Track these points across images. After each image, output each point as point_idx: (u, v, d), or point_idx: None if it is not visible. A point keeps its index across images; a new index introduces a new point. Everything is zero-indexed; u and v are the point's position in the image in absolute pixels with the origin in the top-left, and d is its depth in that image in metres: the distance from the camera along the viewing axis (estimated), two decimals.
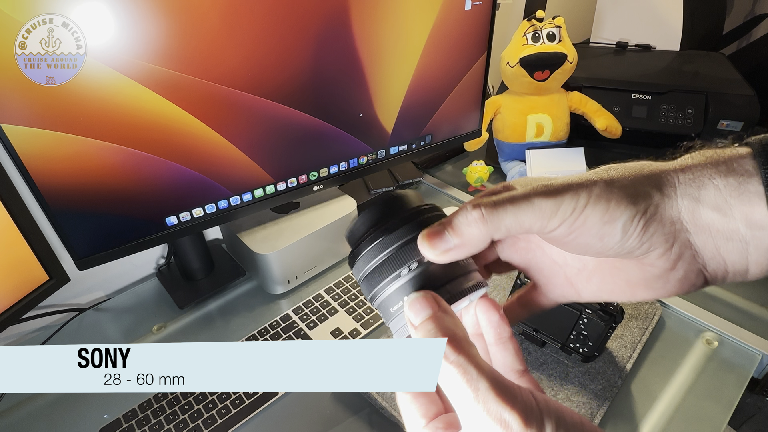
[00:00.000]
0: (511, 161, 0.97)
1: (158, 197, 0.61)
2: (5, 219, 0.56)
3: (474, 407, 0.20)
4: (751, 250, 0.23)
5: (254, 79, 0.60)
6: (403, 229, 0.24)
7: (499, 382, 0.20)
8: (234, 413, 0.59)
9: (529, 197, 0.23)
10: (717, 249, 0.23)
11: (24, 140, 0.49)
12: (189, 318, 0.74)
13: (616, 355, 0.61)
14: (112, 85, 0.51)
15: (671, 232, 0.23)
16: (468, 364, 0.20)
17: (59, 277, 0.64)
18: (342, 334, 0.68)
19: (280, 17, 0.58)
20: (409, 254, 0.24)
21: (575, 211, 0.22)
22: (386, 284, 0.24)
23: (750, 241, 0.22)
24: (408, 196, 0.27)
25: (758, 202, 0.22)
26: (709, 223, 0.23)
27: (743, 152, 0.23)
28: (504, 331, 0.27)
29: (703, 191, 0.23)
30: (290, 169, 0.70)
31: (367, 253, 0.25)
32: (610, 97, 0.94)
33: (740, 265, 0.23)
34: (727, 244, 0.23)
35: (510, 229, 0.23)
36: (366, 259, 0.25)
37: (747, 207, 0.22)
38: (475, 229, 0.23)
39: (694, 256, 0.24)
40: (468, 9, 0.73)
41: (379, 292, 0.25)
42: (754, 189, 0.22)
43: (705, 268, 0.24)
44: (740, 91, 0.88)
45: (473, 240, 0.23)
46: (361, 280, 0.26)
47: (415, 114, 0.78)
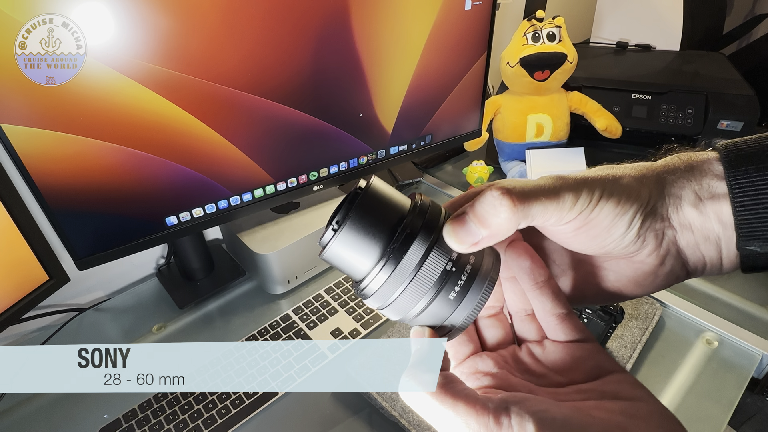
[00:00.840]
0: (511, 161, 0.97)
1: (158, 197, 0.61)
2: (5, 219, 0.56)
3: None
4: (722, 247, 0.25)
5: (254, 79, 0.60)
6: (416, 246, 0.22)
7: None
8: (234, 413, 0.58)
9: (557, 189, 0.23)
10: (697, 246, 0.25)
11: (24, 140, 0.49)
12: (189, 318, 0.74)
13: (616, 355, 0.61)
14: (112, 85, 0.51)
15: (661, 229, 0.25)
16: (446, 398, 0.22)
17: (59, 277, 0.64)
18: (342, 334, 0.68)
19: (280, 17, 0.58)
20: (438, 265, 0.22)
21: (591, 203, 0.23)
22: (424, 303, 0.23)
23: (722, 238, 0.25)
24: (377, 193, 0.24)
25: (725, 202, 0.24)
26: (691, 221, 0.25)
27: (712, 156, 0.25)
28: (539, 275, 0.26)
29: (684, 191, 0.25)
30: (290, 169, 0.70)
31: (390, 280, 0.23)
32: (610, 97, 0.94)
33: (716, 260, 0.26)
34: (705, 242, 0.25)
35: (534, 219, 0.23)
36: (391, 286, 0.23)
37: (717, 206, 0.24)
38: (505, 219, 0.22)
39: (678, 251, 0.26)
40: (468, 9, 0.73)
41: (417, 310, 0.23)
42: (723, 191, 0.24)
43: (687, 263, 0.26)
44: (740, 91, 0.88)
45: (502, 230, 0.22)
46: (385, 308, 0.24)
47: (415, 114, 0.78)
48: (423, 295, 0.23)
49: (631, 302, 0.67)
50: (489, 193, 0.22)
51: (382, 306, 0.23)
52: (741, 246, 0.24)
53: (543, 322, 0.27)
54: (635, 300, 0.68)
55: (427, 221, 0.23)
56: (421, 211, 0.23)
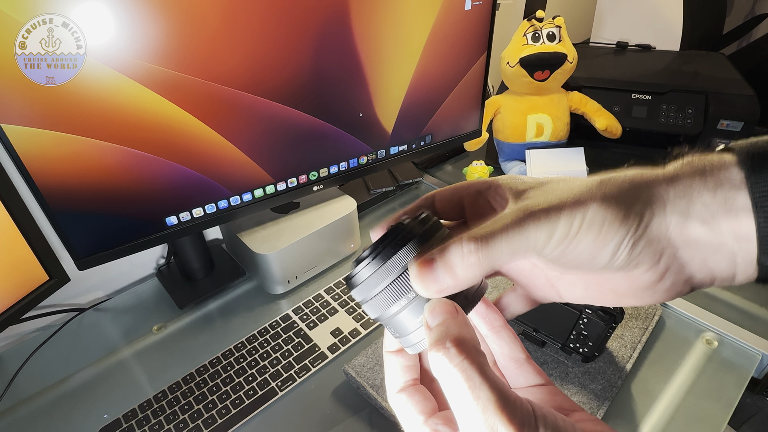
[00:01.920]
0: (511, 161, 0.97)
1: (158, 197, 0.61)
2: (5, 219, 0.56)
3: (472, 415, 0.19)
4: (738, 261, 0.23)
5: (254, 79, 0.60)
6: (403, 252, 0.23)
7: (502, 394, 0.19)
8: (234, 413, 0.58)
9: (522, 223, 0.21)
10: (704, 261, 0.23)
11: (24, 140, 0.49)
12: (189, 318, 0.74)
13: (616, 355, 0.61)
14: (112, 85, 0.51)
15: (658, 249, 0.23)
16: (472, 370, 0.20)
17: (59, 277, 0.64)
18: (342, 334, 0.68)
19: (280, 17, 0.58)
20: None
21: (569, 237, 0.22)
22: (399, 305, 0.24)
23: (738, 252, 0.22)
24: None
25: (746, 216, 0.21)
26: (697, 237, 0.23)
27: (729, 160, 0.22)
28: (495, 320, 0.26)
29: (691, 207, 0.22)
30: (290, 169, 0.70)
31: (373, 277, 0.23)
32: (610, 97, 0.94)
33: (727, 273, 0.23)
34: (715, 255, 0.23)
35: (506, 259, 0.22)
36: (372, 282, 0.23)
37: (735, 221, 0.22)
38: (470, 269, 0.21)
39: (681, 267, 0.24)
40: (468, 9, 0.73)
41: (392, 311, 0.24)
42: (742, 203, 0.21)
43: (692, 278, 0.24)
44: (740, 91, 0.88)
45: (468, 279, 0.22)
46: (366, 302, 0.24)
47: (415, 114, 0.78)
48: (400, 298, 0.23)
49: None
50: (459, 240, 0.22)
51: (364, 300, 0.24)
52: (763, 261, 0.22)
53: (503, 369, 0.27)
54: None
55: (426, 231, 0.24)
56: (424, 221, 0.24)
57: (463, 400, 0.20)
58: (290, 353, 0.66)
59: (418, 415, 0.23)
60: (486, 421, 0.19)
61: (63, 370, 0.66)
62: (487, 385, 0.19)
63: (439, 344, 0.21)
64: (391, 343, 0.27)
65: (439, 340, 0.21)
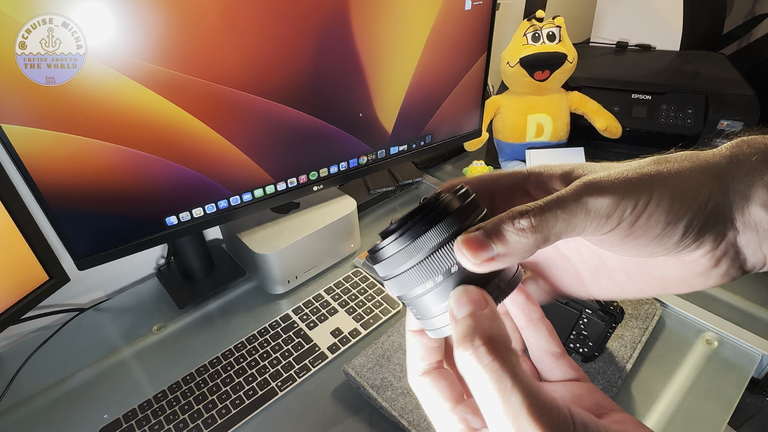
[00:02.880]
0: (511, 161, 0.97)
1: (158, 197, 0.61)
2: (5, 219, 0.56)
3: (503, 420, 0.18)
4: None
5: (254, 79, 0.60)
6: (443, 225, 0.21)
7: (535, 398, 0.18)
8: (234, 413, 0.59)
9: (580, 196, 0.20)
10: (759, 246, 0.22)
11: (24, 140, 0.49)
12: (189, 318, 0.74)
13: (616, 355, 0.61)
14: (112, 85, 0.51)
15: (722, 231, 0.22)
16: (502, 372, 0.18)
17: (59, 277, 0.64)
18: (342, 334, 0.68)
19: (279, 17, 0.58)
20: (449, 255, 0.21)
21: (636, 210, 0.20)
22: (425, 288, 0.21)
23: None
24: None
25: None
26: (758, 221, 0.21)
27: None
28: (533, 312, 0.25)
29: (753, 189, 0.21)
30: (290, 169, 0.70)
31: (401, 253, 0.21)
32: (610, 97, 0.94)
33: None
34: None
35: (561, 235, 0.20)
36: (400, 258, 0.21)
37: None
38: (524, 239, 0.20)
39: (737, 252, 0.23)
40: (468, 9, 0.73)
41: (416, 293, 0.22)
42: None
43: (745, 262, 0.23)
44: (740, 91, 0.88)
45: (520, 250, 0.20)
46: (389, 279, 0.22)
47: (415, 114, 0.78)
48: (427, 280, 0.21)
49: (631, 302, 0.67)
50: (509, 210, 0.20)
51: (386, 277, 0.22)
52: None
53: (537, 362, 0.26)
54: (635, 300, 0.68)
55: (463, 208, 0.21)
56: (462, 196, 0.21)
57: (493, 405, 0.18)
58: (290, 353, 0.66)
59: (444, 402, 0.22)
60: (516, 426, 0.18)
61: (63, 370, 0.66)
62: (518, 388, 0.18)
63: (466, 341, 0.19)
64: (413, 322, 0.24)
65: (467, 336, 0.19)
